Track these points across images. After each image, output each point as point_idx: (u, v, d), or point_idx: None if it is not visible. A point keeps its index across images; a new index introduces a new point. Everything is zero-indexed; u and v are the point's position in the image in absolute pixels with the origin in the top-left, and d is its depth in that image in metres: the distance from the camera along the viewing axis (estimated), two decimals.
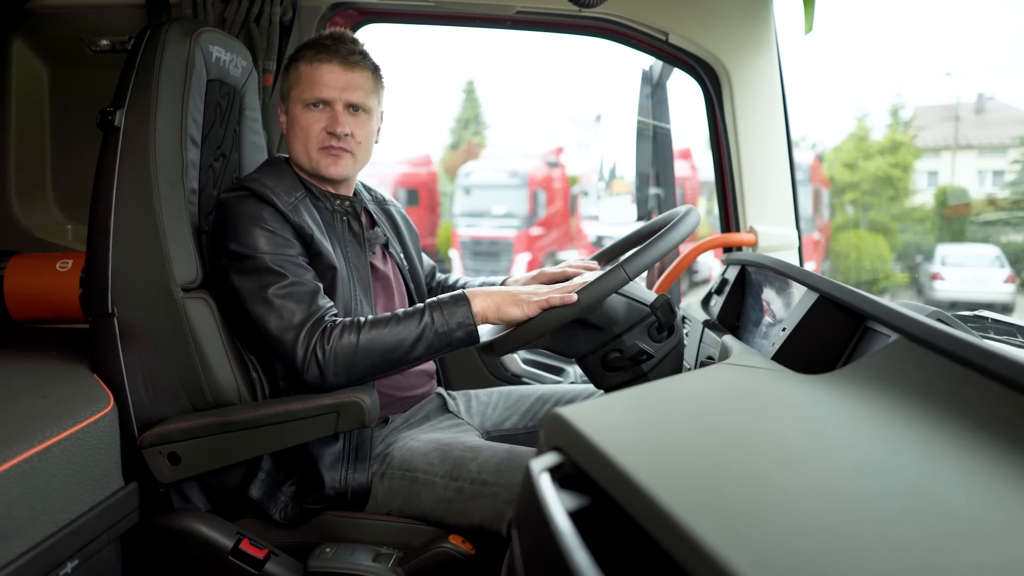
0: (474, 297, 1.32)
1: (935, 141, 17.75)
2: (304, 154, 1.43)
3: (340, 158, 1.43)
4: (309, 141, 1.42)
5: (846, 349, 1.01)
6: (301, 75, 1.42)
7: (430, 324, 1.30)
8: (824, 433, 0.72)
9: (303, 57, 1.43)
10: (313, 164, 1.43)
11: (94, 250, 1.36)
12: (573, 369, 2.14)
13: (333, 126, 1.40)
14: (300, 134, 1.42)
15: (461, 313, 1.30)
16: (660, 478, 0.57)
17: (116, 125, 1.36)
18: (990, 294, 11.05)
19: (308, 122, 1.41)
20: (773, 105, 1.84)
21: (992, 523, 0.53)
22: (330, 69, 1.40)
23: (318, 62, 1.40)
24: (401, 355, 1.30)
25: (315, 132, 1.41)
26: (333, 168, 1.43)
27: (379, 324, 1.30)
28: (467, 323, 1.31)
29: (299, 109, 1.42)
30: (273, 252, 1.32)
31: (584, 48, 72.87)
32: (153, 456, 1.31)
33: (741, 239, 1.85)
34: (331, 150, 1.42)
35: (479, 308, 1.31)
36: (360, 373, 1.30)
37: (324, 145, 1.41)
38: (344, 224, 1.47)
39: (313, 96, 1.40)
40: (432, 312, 1.31)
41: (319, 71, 1.40)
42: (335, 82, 1.40)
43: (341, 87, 1.40)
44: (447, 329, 1.30)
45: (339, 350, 1.27)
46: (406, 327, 1.29)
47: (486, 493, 1.30)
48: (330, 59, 1.40)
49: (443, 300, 1.33)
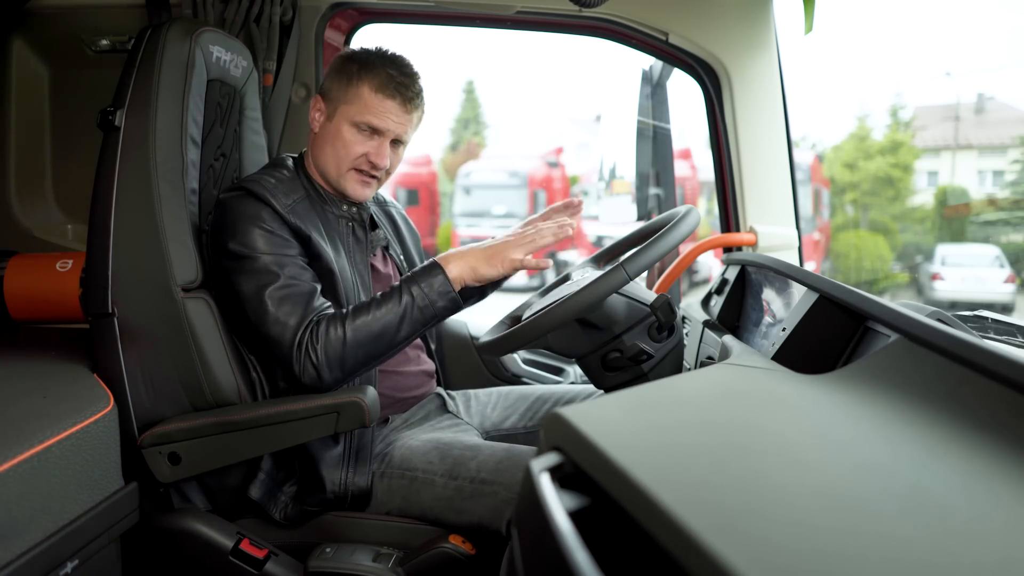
0: (447, 263, 1.33)
1: (935, 141, 17.76)
2: (334, 167, 1.44)
3: (369, 185, 1.45)
4: (345, 159, 1.42)
5: (846, 349, 1.01)
6: (362, 97, 1.40)
7: (411, 301, 1.30)
8: (824, 433, 0.72)
9: (369, 80, 1.40)
10: (339, 181, 1.44)
11: (94, 250, 1.36)
12: (573, 369, 2.14)
13: (377, 158, 1.42)
14: (340, 149, 1.42)
15: (438, 283, 1.31)
16: (660, 478, 0.57)
17: (116, 125, 1.36)
18: (990, 294, 11.04)
19: (352, 142, 1.41)
20: (773, 105, 1.84)
21: (992, 523, 0.53)
22: (394, 107, 1.41)
23: (384, 95, 1.40)
24: (390, 338, 1.30)
25: (355, 154, 1.42)
26: (360, 192, 1.45)
27: (361, 311, 1.30)
28: (447, 291, 1.31)
29: (346, 126, 1.41)
30: (271, 252, 1.32)
31: (584, 48, 72.91)
32: (153, 456, 1.31)
33: (741, 239, 1.85)
34: (364, 176, 1.44)
35: (455, 274, 1.32)
36: (354, 364, 1.30)
37: (359, 168, 1.43)
38: (348, 229, 1.48)
39: (367, 123, 1.40)
40: (410, 288, 1.31)
41: (383, 104, 1.40)
42: (393, 118, 1.41)
43: (396, 124, 1.42)
44: (428, 302, 1.30)
45: (329, 347, 1.27)
46: (388, 309, 1.30)
47: (485, 492, 1.31)
48: (395, 96, 1.40)
49: (417, 273, 1.33)
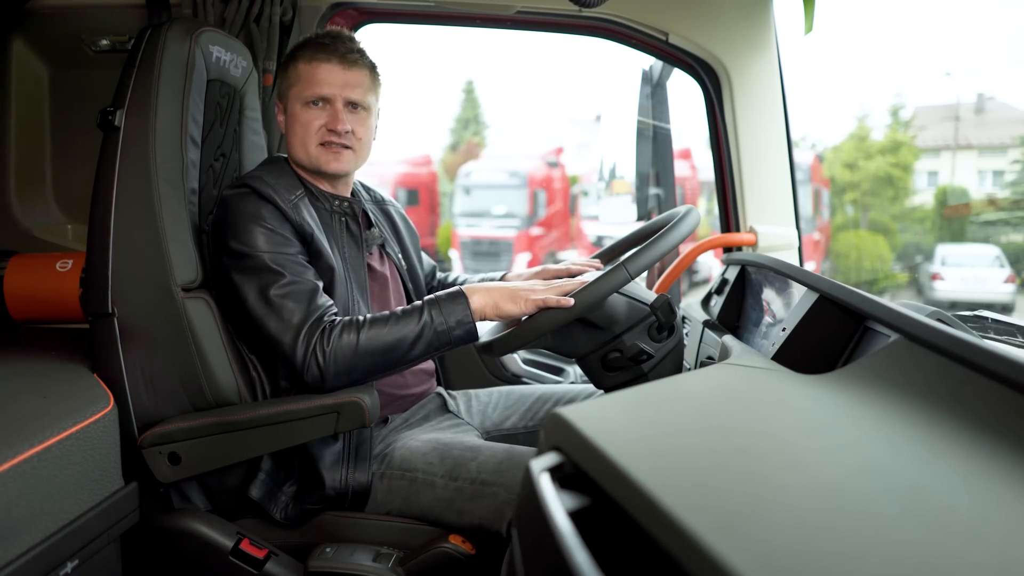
0: (472, 294, 1.32)
1: (935, 141, 17.74)
2: (303, 151, 1.43)
3: (341, 154, 1.44)
4: (309, 138, 1.42)
5: (846, 349, 1.01)
6: (300, 74, 1.42)
7: (429, 322, 1.30)
8: (824, 433, 0.72)
9: (301, 56, 1.43)
10: (313, 160, 1.44)
11: (94, 250, 1.36)
12: (573, 369, 2.14)
13: (334, 123, 1.41)
14: (300, 131, 1.42)
15: (459, 311, 1.30)
16: (660, 478, 0.57)
17: (116, 125, 1.36)
18: (990, 294, 11.04)
19: (308, 119, 1.41)
20: (773, 105, 1.84)
21: (992, 523, 0.53)
22: (329, 68, 1.41)
23: (317, 61, 1.41)
24: (401, 354, 1.30)
25: (315, 129, 1.41)
26: (334, 164, 1.44)
27: (378, 323, 1.30)
28: (466, 321, 1.31)
29: (299, 107, 1.42)
30: (272, 251, 1.32)
31: (584, 48, 72.87)
32: (153, 456, 1.31)
33: (741, 239, 1.85)
34: (331, 147, 1.43)
35: (477, 305, 1.31)
36: (360, 373, 1.30)
37: (324, 141, 1.42)
38: (342, 224, 1.47)
39: (313, 94, 1.40)
40: (431, 310, 1.31)
41: (318, 69, 1.41)
42: (334, 80, 1.41)
43: (340, 85, 1.41)
44: (446, 327, 1.30)
45: (339, 350, 1.27)
46: (405, 325, 1.29)
47: (485, 493, 1.31)
48: (329, 57, 1.41)
49: (441, 297, 1.32)
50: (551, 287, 1.33)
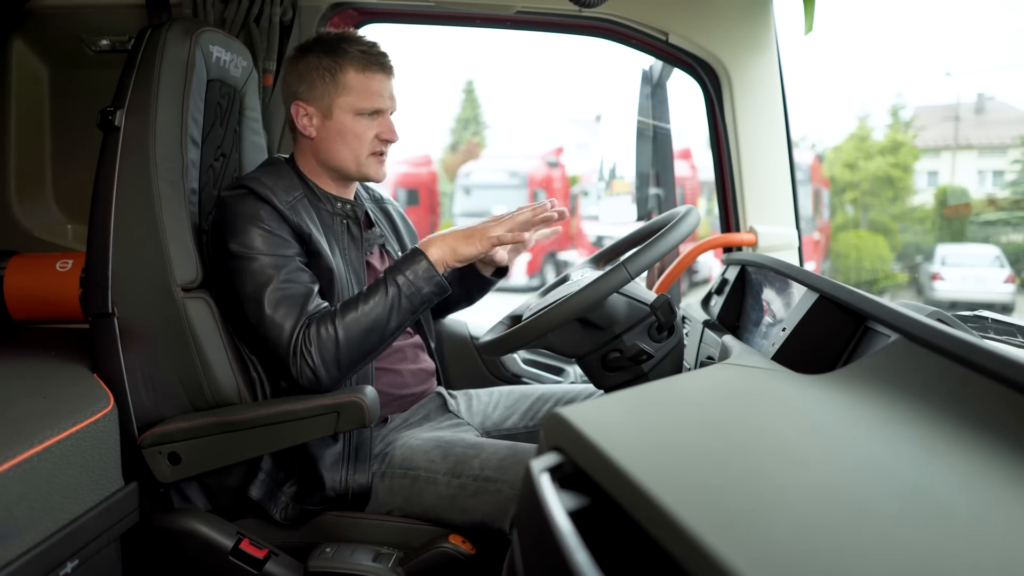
0: (428, 247, 1.35)
1: (935, 141, 17.74)
2: (352, 160, 1.45)
3: (384, 163, 1.49)
4: (362, 148, 1.44)
5: (846, 349, 1.01)
6: (351, 84, 1.42)
7: (397, 292, 1.32)
8: (824, 433, 0.72)
9: (352, 65, 1.42)
10: (363, 169, 1.46)
11: (94, 250, 1.36)
12: (573, 369, 2.14)
13: (390, 135, 1.46)
14: (353, 141, 1.44)
15: (422, 268, 1.33)
16: (660, 478, 0.57)
17: (116, 125, 1.36)
18: (990, 294, 11.03)
19: (362, 130, 1.43)
20: (773, 105, 1.84)
21: (992, 523, 0.53)
22: (381, 80, 1.44)
23: (370, 72, 1.43)
24: (381, 330, 1.32)
25: (369, 139, 1.44)
26: (381, 172, 1.49)
27: (350, 308, 1.31)
28: (431, 275, 1.33)
29: (351, 117, 1.43)
30: (270, 252, 1.32)
31: (584, 48, 72.89)
32: (153, 456, 1.31)
33: (741, 239, 1.85)
34: (380, 156, 1.47)
35: (436, 256, 1.34)
36: (349, 362, 1.31)
37: (376, 151, 1.46)
38: (343, 227, 1.48)
39: (371, 106, 1.43)
40: (395, 278, 1.33)
41: (374, 81, 1.43)
42: (386, 92, 1.45)
43: (390, 96, 1.46)
44: (414, 289, 1.32)
45: (323, 348, 1.28)
46: (376, 302, 1.31)
47: (489, 489, 1.31)
48: (380, 69, 1.44)
49: (399, 263, 1.35)
50: (502, 222, 1.36)
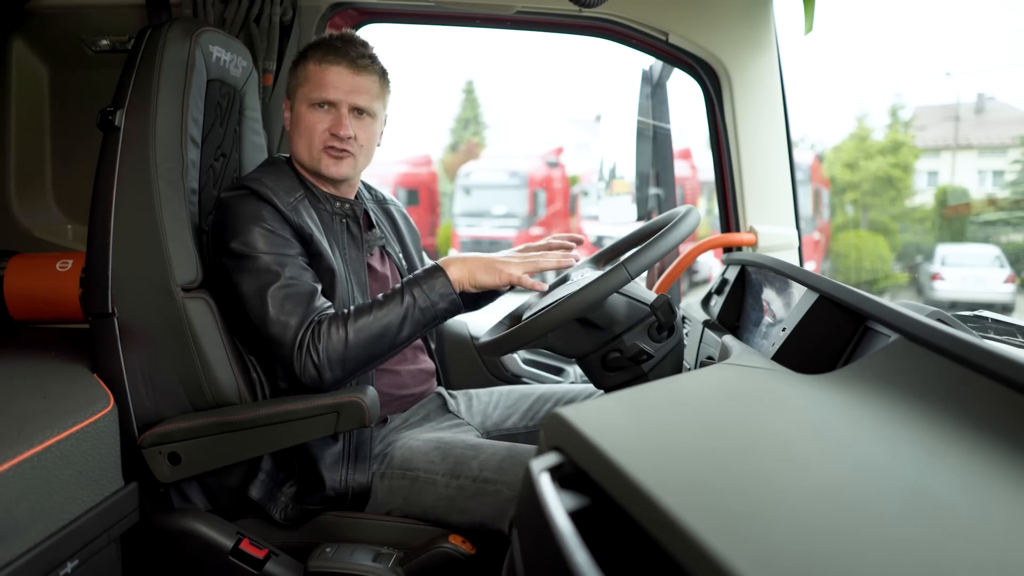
0: (448, 266, 1.35)
1: (935, 141, 17.73)
2: (306, 152, 1.44)
3: (342, 159, 1.44)
4: (312, 140, 1.42)
5: (846, 349, 1.01)
6: (309, 74, 1.42)
7: (412, 303, 1.32)
8: (824, 433, 0.72)
9: (312, 56, 1.43)
10: (314, 163, 1.44)
11: (94, 250, 1.36)
12: (573, 369, 2.14)
13: (337, 128, 1.41)
14: (304, 133, 1.43)
15: (440, 285, 1.33)
16: (660, 478, 0.57)
17: (116, 125, 1.36)
18: (990, 294, 11.03)
19: (312, 122, 1.42)
20: (773, 105, 1.84)
21: (992, 523, 0.53)
22: (338, 71, 1.41)
23: (327, 63, 1.41)
24: (391, 339, 1.32)
25: (318, 132, 1.42)
26: (334, 168, 1.44)
27: (363, 312, 1.31)
28: (448, 293, 1.33)
29: (304, 108, 1.42)
30: (272, 252, 1.32)
31: (584, 48, 72.86)
32: (153, 456, 1.31)
33: (741, 239, 1.85)
34: (333, 151, 1.43)
35: (455, 277, 1.35)
36: (355, 365, 1.31)
37: (327, 145, 1.42)
38: (343, 227, 1.48)
39: (319, 96, 1.41)
40: (412, 290, 1.33)
41: (327, 72, 1.41)
42: (342, 84, 1.41)
43: (347, 90, 1.41)
44: (429, 304, 1.32)
45: (331, 347, 1.28)
46: (390, 310, 1.31)
47: (488, 491, 1.31)
48: (339, 61, 1.41)
49: (419, 276, 1.35)
50: (526, 261, 1.36)
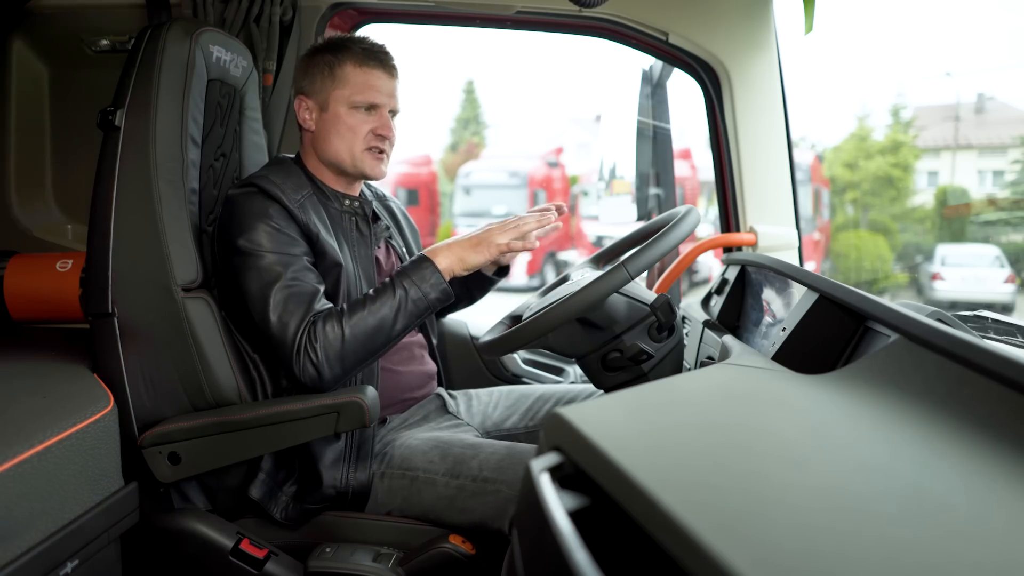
0: (435, 255, 1.38)
1: (935, 141, 17.74)
2: (347, 153, 1.45)
3: (382, 160, 1.48)
4: (356, 142, 1.44)
5: (846, 349, 1.01)
6: (349, 77, 1.43)
7: (404, 295, 1.34)
8: (824, 433, 0.72)
9: (350, 60, 1.44)
10: (357, 163, 1.46)
11: (94, 250, 1.36)
12: (573, 369, 2.14)
13: (385, 130, 1.45)
14: (347, 134, 1.44)
15: (429, 275, 1.35)
16: (660, 478, 0.57)
17: (116, 125, 1.36)
18: (990, 294, 11.02)
19: (355, 123, 1.44)
20: (773, 105, 1.84)
21: (992, 523, 0.53)
22: (379, 75, 1.44)
23: (368, 67, 1.44)
24: (387, 332, 1.33)
25: (363, 133, 1.44)
26: (379, 168, 1.48)
27: (357, 308, 1.32)
28: (438, 283, 1.36)
29: (344, 110, 1.44)
30: (277, 251, 1.33)
31: (584, 48, 72.88)
32: (153, 456, 1.31)
33: (741, 239, 1.85)
34: (376, 152, 1.46)
35: (444, 265, 1.37)
36: (353, 361, 1.31)
37: (371, 146, 1.45)
38: (352, 224, 1.49)
39: (366, 100, 1.43)
40: (402, 282, 1.35)
41: (372, 76, 1.44)
42: (385, 89, 1.45)
43: (388, 94, 1.46)
44: (421, 295, 1.35)
45: (328, 345, 1.29)
46: (382, 304, 1.33)
47: (488, 490, 1.31)
48: (379, 65, 1.45)
49: (407, 268, 1.37)
50: (507, 227, 1.39)
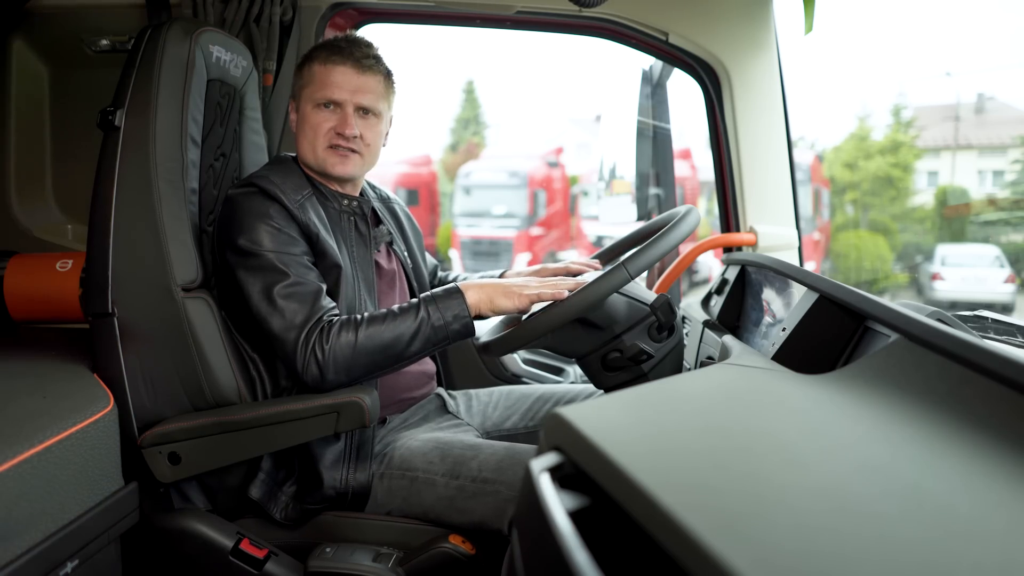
0: (467, 290, 1.34)
1: (935, 141, 17.74)
2: (311, 152, 1.44)
3: (348, 158, 1.45)
4: (317, 140, 1.43)
5: (846, 349, 1.01)
6: (314, 75, 1.43)
7: (426, 319, 1.31)
8: (824, 433, 0.72)
9: (317, 57, 1.44)
10: (320, 162, 1.44)
11: (94, 250, 1.36)
12: (573, 369, 2.14)
13: (342, 127, 1.42)
14: (309, 133, 1.43)
15: (456, 306, 1.32)
16: (660, 478, 0.57)
17: (116, 125, 1.36)
18: (990, 294, 11.03)
19: (317, 121, 1.42)
20: (773, 105, 1.84)
21: (992, 523, 0.53)
22: (343, 71, 1.42)
23: (332, 63, 1.42)
24: (399, 351, 1.31)
25: (324, 131, 1.42)
26: (340, 167, 1.44)
27: (376, 321, 1.31)
28: (463, 315, 1.32)
29: (309, 108, 1.43)
30: (278, 250, 1.32)
31: (584, 48, 72.86)
32: (153, 456, 1.31)
33: (741, 239, 1.85)
34: (339, 150, 1.44)
35: (472, 301, 1.33)
36: (359, 371, 1.30)
37: (332, 144, 1.43)
38: (351, 224, 1.48)
39: (324, 96, 1.41)
40: (427, 306, 1.32)
41: (332, 72, 1.42)
42: (347, 84, 1.42)
43: (352, 89, 1.42)
44: (443, 323, 1.31)
45: (338, 349, 1.27)
46: (402, 322, 1.31)
47: (487, 491, 1.31)
48: (344, 61, 1.42)
49: (437, 294, 1.34)
50: (545, 283, 1.34)
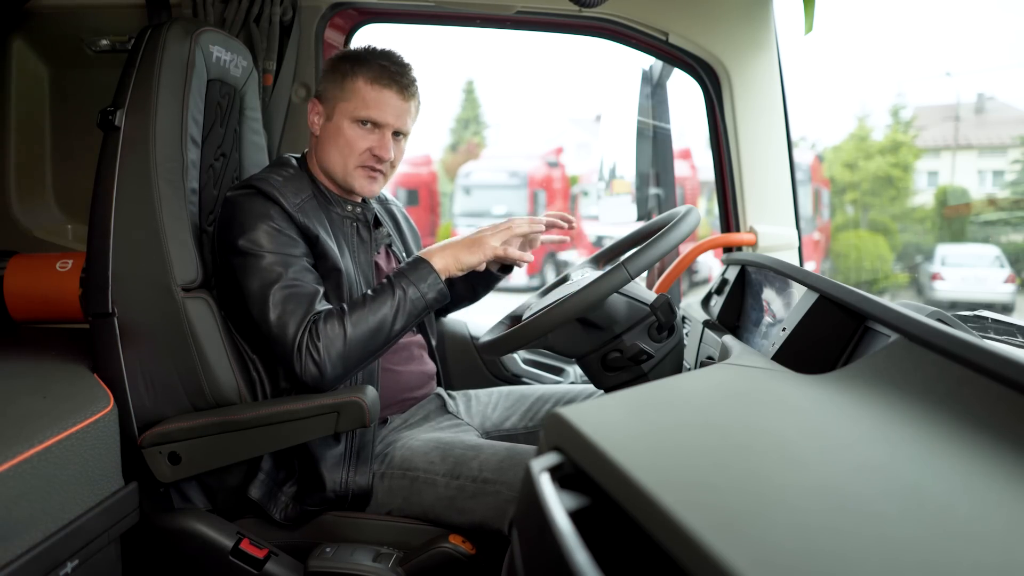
0: (431, 256, 1.38)
1: (935, 141, 17.75)
2: (340, 166, 1.44)
3: (376, 180, 1.46)
4: (351, 156, 1.43)
5: (846, 349, 1.01)
6: (358, 91, 1.41)
7: (403, 295, 1.34)
8: (824, 433, 0.72)
9: (364, 74, 1.42)
10: (347, 178, 1.45)
11: (94, 250, 1.36)
12: (573, 369, 2.14)
13: (380, 150, 1.43)
14: (344, 147, 1.43)
15: (426, 275, 1.36)
16: (660, 478, 0.57)
17: (116, 125, 1.36)
18: (990, 294, 11.03)
19: (354, 138, 1.42)
20: (773, 105, 1.84)
21: (992, 523, 0.53)
22: (390, 95, 1.42)
23: (381, 85, 1.41)
24: (386, 332, 1.33)
25: (359, 149, 1.43)
26: (368, 187, 1.46)
27: (357, 307, 1.33)
28: (436, 283, 1.36)
29: (346, 122, 1.42)
30: (277, 251, 1.33)
31: (584, 48, 72.89)
32: (153, 456, 1.31)
33: (741, 239, 1.85)
34: (370, 171, 1.45)
35: (440, 265, 1.37)
36: (355, 360, 1.31)
37: (365, 164, 1.44)
38: (353, 229, 1.48)
39: (369, 116, 1.41)
40: (400, 282, 1.35)
41: (380, 95, 1.41)
42: (392, 109, 1.42)
43: (395, 115, 1.43)
44: (419, 295, 1.35)
45: (330, 344, 1.29)
46: (382, 304, 1.33)
47: (488, 491, 1.31)
48: (391, 85, 1.42)
49: (404, 269, 1.38)
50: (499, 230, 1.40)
